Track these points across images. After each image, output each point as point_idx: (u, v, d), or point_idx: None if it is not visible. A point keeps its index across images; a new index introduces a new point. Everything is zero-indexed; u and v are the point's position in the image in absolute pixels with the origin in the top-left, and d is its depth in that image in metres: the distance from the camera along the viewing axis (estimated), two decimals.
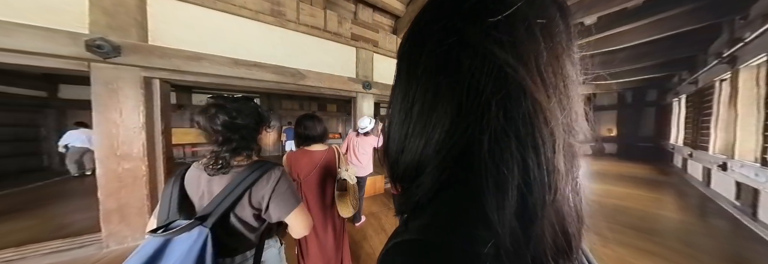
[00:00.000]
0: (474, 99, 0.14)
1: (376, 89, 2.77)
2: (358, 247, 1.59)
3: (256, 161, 0.58)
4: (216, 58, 1.79)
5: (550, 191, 0.14)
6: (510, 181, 0.13)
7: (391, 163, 0.20)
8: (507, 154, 0.14)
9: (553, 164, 0.14)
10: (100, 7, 1.41)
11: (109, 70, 1.45)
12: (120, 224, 1.50)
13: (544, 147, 0.14)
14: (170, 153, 1.77)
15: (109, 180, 1.46)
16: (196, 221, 0.45)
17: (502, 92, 0.14)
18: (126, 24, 1.49)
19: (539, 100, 0.14)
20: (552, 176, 0.14)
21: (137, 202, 1.54)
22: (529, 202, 0.13)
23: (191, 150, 5.22)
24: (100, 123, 1.44)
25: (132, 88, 1.52)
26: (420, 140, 0.17)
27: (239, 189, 0.50)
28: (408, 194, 0.18)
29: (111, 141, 1.46)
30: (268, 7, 2.02)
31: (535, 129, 0.14)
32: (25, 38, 1.25)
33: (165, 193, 0.53)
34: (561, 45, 0.16)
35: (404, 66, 0.19)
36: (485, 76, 0.14)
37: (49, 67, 1.37)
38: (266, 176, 0.54)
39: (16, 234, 1.67)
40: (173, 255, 0.42)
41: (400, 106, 0.19)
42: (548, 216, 0.14)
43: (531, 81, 0.14)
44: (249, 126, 0.56)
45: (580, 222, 0.17)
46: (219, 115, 0.51)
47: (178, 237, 0.43)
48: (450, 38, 0.15)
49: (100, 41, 1.37)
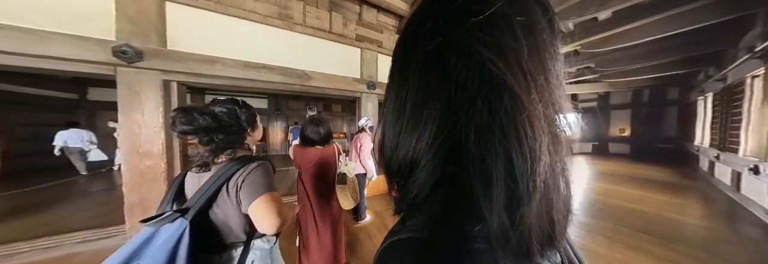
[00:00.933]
0: (461, 95, 0.15)
1: (381, 89, 2.80)
2: (361, 245, 1.61)
3: (241, 157, 0.58)
4: (228, 61, 1.88)
5: (535, 180, 0.14)
6: (495, 171, 0.14)
7: (386, 160, 0.21)
8: (491, 146, 0.14)
9: (537, 154, 0.14)
10: (125, 15, 1.53)
11: (133, 73, 1.57)
12: (142, 217, 1.61)
13: (526, 138, 0.14)
14: (186, 151, 1.87)
15: (132, 175, 1.58)
16: (176, 213, 0.48)
17: (486, 88, 0.15)
18: (147, 30, 1.60)
19: (519, 93, 0.14)
20: (536, 165, 0.14)
21: (157, 196, 1.64)
22: (515, 192, 0.14)
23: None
24: (124, 123, 1.56)
25: (152, 91, 1.63)
26: (413, 136, 0.17)
27: (219, 182, 0.51)
28: (404, 191, 0.19)
29: (134, 140, 1.58)
30: (276, 11, 2.10)
31: (516, 121, 0.14)
32: (60, 46, 1.38)
33: (172, 186, 0.59)
34: (543, 41, 0.17)
35: (397, 66, 0.20)
36: (470, 73, 0.15)
37: (81, 72, 1.49)
38: (245, 167, 0.54)
39: (51, 225, 1.83)
40: (156, 243, 0.44)
41: (394, 105, 0.19)
42: (535, 204, 0.14)
43: (511, 76, 0.14)
44: (212, 127, 0.55)
45: (567, 210, 0.17)
46: (181, 116, 0.52)
47: (163, 227, 0.46)
48: (437, 38, 0.16)
49: (125, 47, 1.49)
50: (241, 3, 1.93)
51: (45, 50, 1.35)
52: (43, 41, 1.34)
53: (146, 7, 1.59)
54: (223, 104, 0.60)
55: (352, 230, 1.84)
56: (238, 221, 0.55)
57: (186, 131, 0.53)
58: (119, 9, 1.51)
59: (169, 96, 1.73)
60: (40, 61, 1.37)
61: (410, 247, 0.14)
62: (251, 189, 0.52)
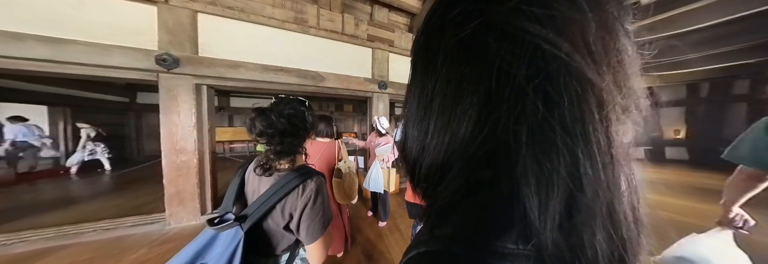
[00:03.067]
0: (506, 86, 0.12)
1: (392, 89, 2.80)
2: (372, 245, 1.61)
3: (299, 167, 0.57)
4: (249, 65, 2.03)
5: (606, 187, 0.11)
6: (555, 177, 0.11)
7: (411, 163, 0.18)
8: (550, 146, 0.11)
9: (609, 155, 0.12)
10: (165, 27, 1.73)
11: (171, 79, 1.77)
12: (178, 207, 1.81)
13: (595, 134, 0.11)
14: (214, 148, 2.06)
15: (170, 170, 1.78)
16: (235, 222, 0.49)
17: (541, 74, 0.12)
18: (183, 40, 1.79)
19: (591, 78, 0.11)
20: (608, 169, 0.12)
21: (190, 188, 1.84)
22: (579, 202, 0.11)
23: (229, 146, 5.99)
24: (165, 123, 1.77)
25: (187, 94, 1.82)
26: (444, 136, 0.15)
27: (275, 197, 0.51)
28: (433, 197, 0.17)
29: (172, 138, 1.78)
30: (293, 16, 2.20)
31: (584, 114, 0.11)
32: (118, 57, 1.61)
33: (231, 183, 0.58)
34: (611, 12, 0.13)
35: (420, 60, 0.17)
36: (518, 57, 0.12)
37: (132, 78, 1.72)
38: (301, 187, 0.52)
39: (110, 209, 2.14)
40: (217, 247, 0.48)
41: (418, 102, 0.17)
42: (603, 218, 0.12)
43: (579, 56, 0.11)
44: (288, 131, 0.54)
45: (639, 224, 0.14)
46: (259, 119, 0.52)
47: (224, 232, 0.49)
48: (472, 21, 0.13)
49: (165, 55, 1.69)
50: (261, 10, 2.06)
51: (107, 61, 1.58)
52: (105, 53, 1.57)
53: (182, 18, 1.77)
54: (290, 105, 0.56)
55: (359, 226, 1.88)
56: (286, 234, 0.56)
57: (264, 133, 0.52)
58: (160, 21, 1.71)
59: (200, 98, 1.92)
60: (108, 71, 1.62)
61: (439, 263, 0.12)
62: (312, 228, 0.52)
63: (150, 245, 1.54)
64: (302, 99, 0.61)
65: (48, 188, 2.86)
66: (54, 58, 1.47)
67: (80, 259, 1.37)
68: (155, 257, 1.40)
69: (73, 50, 1.50)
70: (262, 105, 0.56)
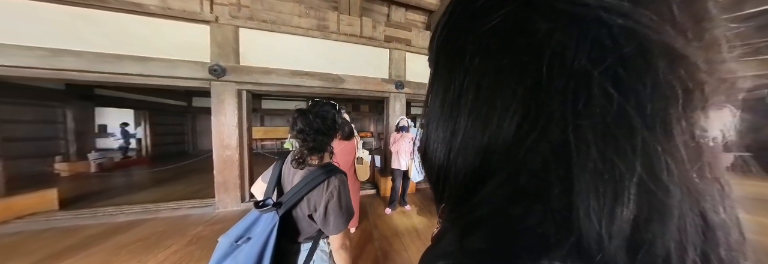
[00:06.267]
0: (560, 75, 0.10)
1: (409, 89, 2.81)
2: (388, 243, 1.64)
3: (326, 164, 0.63)
4: (280, 71, 2.28)
5: (695, 192, 0.09)
6: (626, 178, 0.09)
7: (435, 168, 0.16)
8: (620, 141, 0.09)
9: (697, 151, 0.09)
10: (216, 42, 2.07)
11: (220, 85, 2.10)
12: (224, 194, 2.15)
13: (680, 125, 0.09)
14: (251, 145, 2.38)
15: (219, 162, 2.12)
16: (273, 207, 0.57)
17: (610, 56, 0.09)
18: (228, 51, 2.11)
19: (685, 54, 0.09)
20: (696, 169, 0.09)
21: (233, 178, 2.17)
22: (654, 209, 0.09)
23: (261, 143, 6.78)
24: (214, 123, 2.11)
25: (231, 98, 2.14)
26: (479, 136, 0.13)
27: (305, 189, 0.58)
28: (463, 205, 0.13)
29: (221, 135, 2.13)
30: (316, 23, 2.39)
31: (669, 103, 0.09)
32: (183, 69, 1.98)
33: (273, 172, 0.67)
34: None
35: (443, 56, 0.16)
36: (576, 39, 0.10)
37: (191, 86, 2.10)
38: (326, 183, 0.58)
39: (176, 193, 2.64)
40: (259, 226, 0.56)
41: (443, 100, 0.15)
42: (695, 232, 0.09)
43: (668, 28, 0.09)
44: (322, 130, 0.61)
45: (738, 239, 0.10)
46: (300, 118, 0.60)
47: (265, 215, 0.59)
48: (510, 5, 0.11)
49: (216, 66, 2.02)
50: (289, 20, 2.29)
51: (176, 72, 1.97)
52: (174, 66, 1.96)
53: (227, 33, 2.09)
54: (322, 107, 0.63)
55: (377, 225, 1.96)
56: (311, 223, 0.62)
57: (303, 131, 0.59)
58: (212, 37, 2.05)
59: (241, 102, 2.23)
60: (176, 81, 2.02)
61: None
62: (337, 222, 0.57)
63: (204, 224, 1.88)
64: (333, 102, 0.67)
65: (130, 175, 3.72)
66: (142, 73, 1.89)
67: (158, 231, 1.75)
68: (210, 234, 1.70)
69: (154, 65, 1.91)
70: (302, 107, 0.65)
